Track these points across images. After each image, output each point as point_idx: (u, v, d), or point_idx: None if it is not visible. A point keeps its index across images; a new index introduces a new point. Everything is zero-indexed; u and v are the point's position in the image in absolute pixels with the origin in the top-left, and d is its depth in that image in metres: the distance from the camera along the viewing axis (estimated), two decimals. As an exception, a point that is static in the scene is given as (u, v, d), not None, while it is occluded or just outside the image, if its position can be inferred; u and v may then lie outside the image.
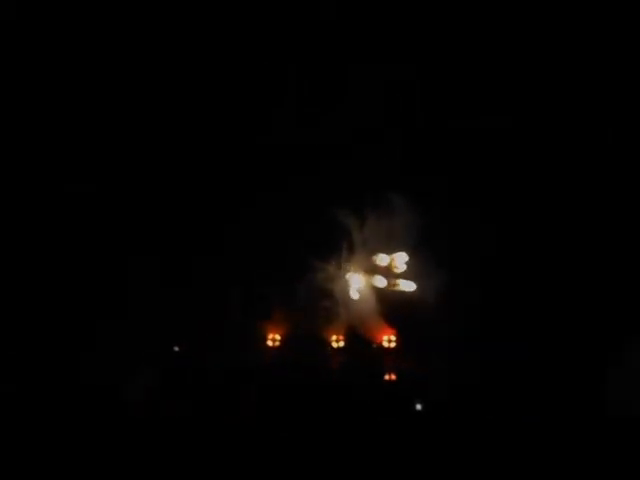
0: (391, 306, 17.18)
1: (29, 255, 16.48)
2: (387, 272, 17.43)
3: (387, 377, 16.98)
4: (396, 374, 16.97)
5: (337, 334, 17.22)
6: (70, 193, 16.68)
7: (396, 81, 17.14)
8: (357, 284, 17.24)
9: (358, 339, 17.24)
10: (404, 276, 17.29)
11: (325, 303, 17.06)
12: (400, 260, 17.27)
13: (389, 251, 17.29)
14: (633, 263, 16.55)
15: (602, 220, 16.83)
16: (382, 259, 17.33)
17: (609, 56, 16.76)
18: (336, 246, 17.16)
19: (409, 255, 17.23)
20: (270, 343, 17.16)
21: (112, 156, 16.97)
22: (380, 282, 17.33)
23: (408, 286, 17.22)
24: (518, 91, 16.99)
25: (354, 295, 17.25)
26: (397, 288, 17.24)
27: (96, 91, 16.89)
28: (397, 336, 17.18)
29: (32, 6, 16.58)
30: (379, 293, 17.32)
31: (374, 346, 17.20)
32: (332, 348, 17.19)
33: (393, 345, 17.19)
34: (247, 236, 17.04)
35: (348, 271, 17.21)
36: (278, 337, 17.18)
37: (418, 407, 16.29)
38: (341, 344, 17.22)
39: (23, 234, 16.52)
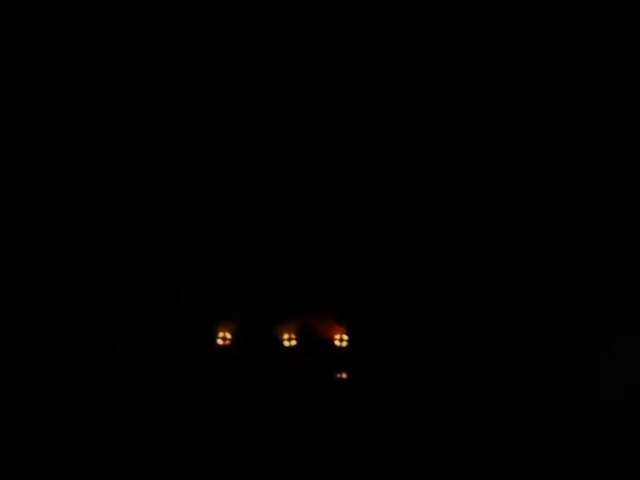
0: (346, 305, 17.00)
1: (28, 255, 16.58)
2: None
3: (339, 376, 16.80)
4: (348, 373, 16.75)
5: (289, 332, 16.97)
6: (70, 193, 16.77)
7: (396, 81, 17.14)
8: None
9: (310, 338, 16.97)
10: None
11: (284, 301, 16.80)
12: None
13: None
14: (631, 265, 16.59)
15: (602, 219, 16.85)
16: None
17: (609, 56, 16.73)
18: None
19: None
20: (220, 342, 16.61)
21: (112, 156, 17.03)
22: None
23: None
24: (518, 91, 16.97)
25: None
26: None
27: (96, 91, 16.92)
28: (349, 335, 16.91)
29: (32, 6, 16.61)
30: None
31: (326, 345, 16.91)
32: (284, 347, 16.77)
33: (345, 344, 17.00)
34: (245, 235, 17.11)
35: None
36: (229, 335, 16.67)
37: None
38: (293, 343, 16.87)
39: (22, 234, 16.59)
